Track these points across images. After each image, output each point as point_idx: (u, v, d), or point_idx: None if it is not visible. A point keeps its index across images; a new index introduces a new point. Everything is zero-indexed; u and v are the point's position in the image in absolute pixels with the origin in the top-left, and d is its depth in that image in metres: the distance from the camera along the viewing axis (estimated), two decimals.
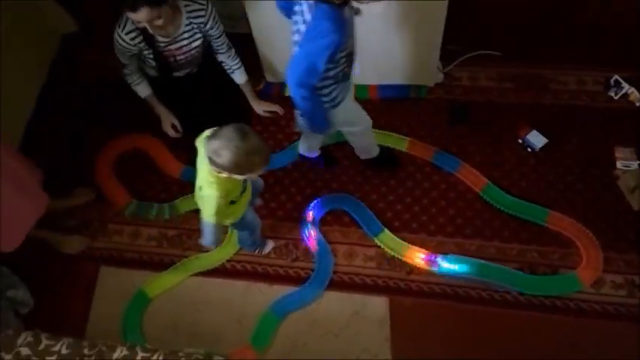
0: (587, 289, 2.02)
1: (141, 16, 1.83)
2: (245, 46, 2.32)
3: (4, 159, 1.88)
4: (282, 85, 2.57)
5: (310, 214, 2.23)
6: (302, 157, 2.33)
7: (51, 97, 2.66)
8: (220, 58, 2.25)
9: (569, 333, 1.95)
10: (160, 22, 1.89)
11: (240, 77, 2.33)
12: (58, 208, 2.25)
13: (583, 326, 1.96)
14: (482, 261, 2.09)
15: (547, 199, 2.19)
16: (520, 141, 2.31)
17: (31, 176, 2.01)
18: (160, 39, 2.03)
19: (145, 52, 2.07)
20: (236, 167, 1.50)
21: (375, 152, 2.26)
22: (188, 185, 2.35)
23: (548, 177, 2.24)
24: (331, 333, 2.03)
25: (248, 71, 2.33)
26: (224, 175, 1.55)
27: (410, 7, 2.07)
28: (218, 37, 2.14)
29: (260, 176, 2.31)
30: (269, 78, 2.58)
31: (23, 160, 2.02)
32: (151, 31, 1.93)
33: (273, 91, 2.57)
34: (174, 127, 2.31)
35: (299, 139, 2.41)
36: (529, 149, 2.29)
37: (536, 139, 2.28)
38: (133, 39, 1.99)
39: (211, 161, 1.52)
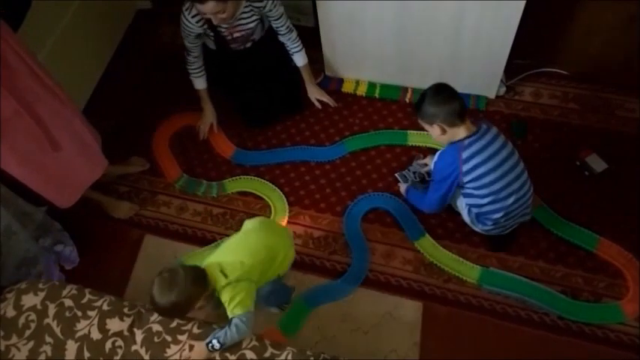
0: (630, 321, 1.94)
1: (207, 8, 1.93)
2: (308, 39, 2.36)
3: (72, 119, 1.97)
4: (340, 81, 2.59)
5: None
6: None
7: (118, 68, 2.76)
8: (281, 39, 2.31)
9: None
10: (223, 15, 1.98)
11: (299, 60, 2.38)
12: (112, 173, 2.33)
13: (621, 359, 1.89)
14: (524, 279, 2.04)
15: (598, 226, 2.12)
16: (578, 163, 2.24)
17: (93, 139, 2.09)
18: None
19: (208, 31, 2.17)
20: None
21: None
22: (237, 167, 2.41)
23: (602, 203, 2.17)
24: (361, 329, 2.02)
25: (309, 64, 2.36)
26: None
27: (482, 13, 2.06)
28: (277, 19, 2.20)
29: (305, 168, 2.35)
30: (328, 72, 2.60)
31: (87, 123, 2.10)
32: (214, 21, 2.03)
33: (331, 86, 2.59)
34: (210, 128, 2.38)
35: (351, 135, 2.42)
36: (586, 173, 2.22)
37: (596, 163, 2.20)
38: (197, 22, 2.09)
39: None
